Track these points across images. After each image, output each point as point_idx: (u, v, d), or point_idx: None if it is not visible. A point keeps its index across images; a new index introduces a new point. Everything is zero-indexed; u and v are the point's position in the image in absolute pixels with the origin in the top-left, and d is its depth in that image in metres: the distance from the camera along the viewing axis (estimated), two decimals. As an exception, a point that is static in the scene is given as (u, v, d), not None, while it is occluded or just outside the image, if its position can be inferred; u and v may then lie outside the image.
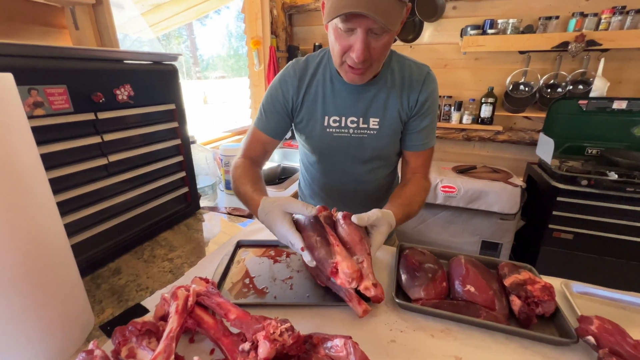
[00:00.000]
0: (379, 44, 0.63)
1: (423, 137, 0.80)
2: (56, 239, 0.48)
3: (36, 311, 0.44)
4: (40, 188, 0.45)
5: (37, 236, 0.44)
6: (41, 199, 0.45)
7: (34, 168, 0.44)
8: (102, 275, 0.69)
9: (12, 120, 0.40)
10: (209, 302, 0.51)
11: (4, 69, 0.43)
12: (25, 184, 0.42)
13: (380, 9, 0.57)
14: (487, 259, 0.71)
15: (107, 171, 0.71)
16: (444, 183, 1.93)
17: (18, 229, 0.41)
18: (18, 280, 0.42)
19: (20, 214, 0.41)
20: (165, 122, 0.85)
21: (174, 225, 0.93)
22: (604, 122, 1.86)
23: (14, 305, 0.42)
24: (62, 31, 1.03)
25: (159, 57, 0.83)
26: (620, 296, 0.63)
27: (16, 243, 0.41)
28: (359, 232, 0.61)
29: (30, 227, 0.43)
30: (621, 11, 1.78)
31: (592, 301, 0.64)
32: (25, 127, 0.43)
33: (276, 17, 2.33)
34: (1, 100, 0.38)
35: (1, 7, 0.89)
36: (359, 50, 0.62)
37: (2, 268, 0.40)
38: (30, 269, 0.43)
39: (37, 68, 0.56)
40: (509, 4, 2.03)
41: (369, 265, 0.56)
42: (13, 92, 0.41)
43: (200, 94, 6.81)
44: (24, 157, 0.42)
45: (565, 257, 1.75)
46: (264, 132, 0.84)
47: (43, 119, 0.56)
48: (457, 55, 2.24)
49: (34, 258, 0.43)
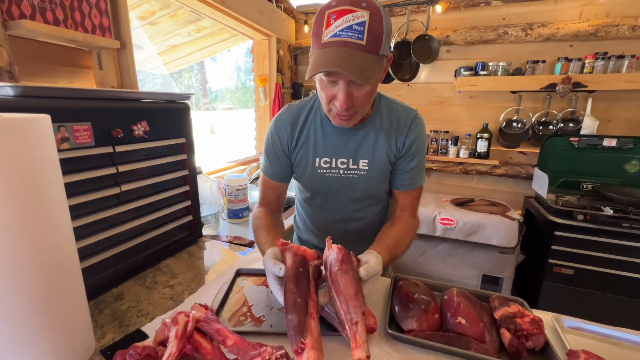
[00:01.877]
0: (361, 93, 0.67)
1: (411, 177, 0.83)
2: (70, 263, 0.52)
3: (45, 332, 0.47)
4: (61, 215, 0.50)
5: (54, 260, 0.48)
6: (61, 225, 0.50)
7: (59, 197, 0.49)
8: (105, 301, 0.71)
9: (46, 155, 0.46)
10: (208, 328, 0.53)
11: (41, 110, 0.49)
12: (49, 212, 0.47)
13: (355, 66, 0.60)
14: (480, 292, 0.72)
15: (118, 200, 0.76)
16: (442, 215, 1.95)
17: (38, 253, 0.45)
18: (34, 301, 0.45)
19: (41, 239, 0.45)
20: (175, 154, 0.91)
21: (176, 253, 0.96)
22: (596, 158, 1.92)
23: (28, 325, 0.45)
24: (87, 71, 1.14)
25: (172, 97, 0.91)
26: (611, 332, 0.64)
27: (35, 266, 0.45)
28: (355, 285, 0.54)
29: (48, 252, 0.47)
30: (603, 57, 1.90)
31: (583, 336, 0.64)
32: (56, 161, 0.48)
33: (282, 57, 2.50)
34: (40, 139, 0.44)
35: (36, 50, 1.00)
36: (342, 100, 0.66)
37: (22, 289, 0.43)
38: (45, 290, 0.46)
39: (68, 108, 0.63)
40: (498, 49, 2.18)
41: (363, 328, 0.50)
42: (49, 131, 0.47)
43: (207, 124, 7.05)
44: (51, 187, 0.47)
45: (567, 292, 1.72)
46: (271, 178, 0.88)
47: (68, 152, 0.62)
48: (452, 94, 2.37)
49: (49, 280, 0.47)
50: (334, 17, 0.61)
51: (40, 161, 0.45)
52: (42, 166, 0.45)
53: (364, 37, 0.60)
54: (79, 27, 1.03)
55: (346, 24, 0.60)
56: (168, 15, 1.86)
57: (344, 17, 0.60)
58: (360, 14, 0.59)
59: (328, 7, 0.62)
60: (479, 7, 2.16)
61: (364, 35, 0.60)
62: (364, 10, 0.59)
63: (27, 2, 0.91)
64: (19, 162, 0.42)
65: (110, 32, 1.11)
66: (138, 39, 1.86)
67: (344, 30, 0.60)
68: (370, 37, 0.60)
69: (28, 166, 0.43)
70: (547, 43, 2.07)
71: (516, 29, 2.05)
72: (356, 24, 0.60)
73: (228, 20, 1.91)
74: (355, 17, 0.59)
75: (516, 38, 2.06)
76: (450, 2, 2.18)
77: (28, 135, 0.43)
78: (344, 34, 0.60)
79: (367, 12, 0.60)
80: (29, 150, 0.43)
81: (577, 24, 1.94)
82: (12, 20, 0.88)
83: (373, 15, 0.60)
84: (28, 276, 0.44)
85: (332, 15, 0.61)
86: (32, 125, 0.44)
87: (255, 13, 1.99)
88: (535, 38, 2.03)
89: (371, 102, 0.74)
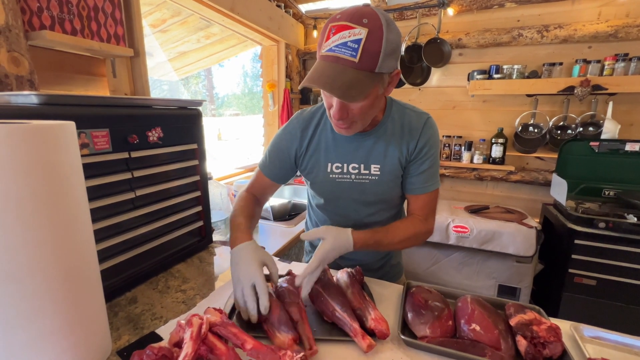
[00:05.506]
0: (356, 107, 0.70)
1: (423, 180, 0.84)
2: (91, 265, 0.55)
3: (65, 331, 0.50)
4: (84, 218, 0.53)
5: (77, 262, 0.51)
6: (84, 228, 0.53)
7: (82, 201, 0.53)
8: (120, 304, 0.74)
9: (72, 160, 0.50)
10: (225, 332, 0.55)
11: (63, 117, 0.53)
12: (74, 215, 0.50)
13: (340, 83, 0.62)
14: (495, 300, 0.73)
15: (133, 204, 0.80)
16: (456, 223, 1.95)
17: (63, 255, 0.48)
18: (57, 301, 0.48)
19: (67, 242, 0.49)
20: (188, 160, 0.95)
21: (187, 258, 0.99)
22: (618, 163, 1.89)
23: (50, 324, 0.48)
24: (101, 79, 1.20)
25: (185, 103, 0.95)
26: (633, 342, 0.64)
27: (60, 268, 0.48)
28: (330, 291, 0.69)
29: (72, 254, 0.50)
30: (624, 58, 1.89)
31: (604, 346, 0.64)
32: (79, 167, 0.52)
33: (291, 62, 2.56)
34: (66, 144, 0.48)
35: (53, 59, 1.06)
36: (335, 111, 0.70)
37: (47, 289, 0.47)
38: (68, 291, 0.50)
39: (87, 115, 0.67)
40: (513, 52, 2.19)
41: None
42: (74, 137, 0.51)
43: (214, 130, 7.19)
44: (76, 192, 0.51)
45: (589, 304, 1.69)
46: (266, 176, 0.92)
47: (87, 157, 0.66)
48: (465, 98, 2.37)
49: (72, 282, 0.50)
50: (334, 31, 0.64)
51: (67, 166, 0.48)
52: (69, 171, 0.49)
53: (357, 55, 0.62)
54: (95, 36, 1.09)
55: (341, 40, 0.62)
56: (178, 23, 1.94)
57: (341, 32, 0.63)
58: (357, 31, 0.61)
59: (333, 20, 0.66)
60: (492, 9, 2.18)
61: (358, 52, 0.62)
62: (363, 28, 0.61)
63: (47, 13, 0.97)
64: (47, 167, 0.45)
65: (124, 40, 1.17)
66: (149, 46, 1.94)
67: (339, 46, 0.63)
68: (365, 55, 0.62)
69: (56, 171, 0.47)
70: (564, 45, 2.07)
71: (531, 30, 2.05)
72: (351, 40, 0.62)
73: (237, 27, 1.98)
74: (352, 34, 0.62)
75: (531, 40, 2.07)
76: (462, 5, 2.20)
77: (56, 141, 0.47)
78: (338, 49, 0.63)
79: (366, 29, 0.61)
80: (57, 155, 0.47)
81: (595, 25, 1.94)
82: (33, 31, 0.94)
83: (371, 34, 0.61)
84: (53, 277, 0.48)
85: (332, 29, 0.64)
86: (59, 132, 0.47)
87: (264, 19, 2.06)
88: (551, 40, 2.04)
89: (372, 114, 0.76)
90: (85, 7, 1.05)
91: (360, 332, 0.60)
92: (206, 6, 1.62)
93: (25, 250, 0.44)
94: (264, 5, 2.05)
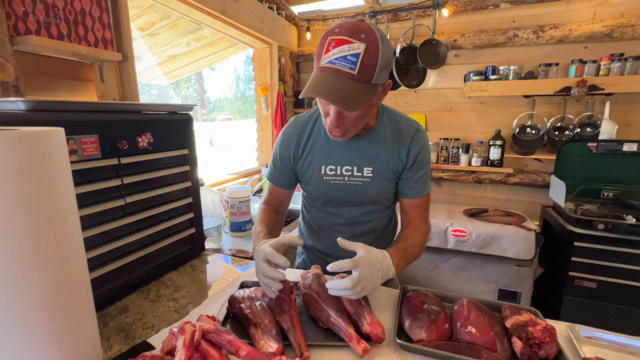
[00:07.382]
0: (352, 115, 0.76)
1: (420, 185, 0.91)
2: (81, 273, 0.56)
3: (55, 340, 0.51)
4: (74, 226, 0.54)
5: (67, 269, 0.52)
6: (73, 236, 0.54)
7: (71, 209, 0.54)
8: (110, 313, 0.75)
9: (61, 167, 0.51)
10: (219, 339, 0.57)
11: (51, 123, 0.55)
12: (63, 222, 0.51)
13: (341, 95, 0.69)
14: (491, 303, 0.75)
15: (123, 211, 0.81)
16: (454, 227, 1.98)
17: (52, 263, 0.50)
18: (47, 309, 0.49)
19: (56, 249, 0.50)
20: (178, 165, 0.97)
21: (179, 266, 1.00)
22: (616, 164, 1.94)
23: (40, 332, 0.49)
24: (89, 84, 1.21)
25: (175, 108, 0.97)
26: (628, 341, 0.66)
27: (49, 275, 0.49)
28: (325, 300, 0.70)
29: (62, 261, 0.51)
30: (619, 58, 1.95)
31: (600, 346, 0.67)
32: (69, 173, 0.54)
33: (284, 65, 2.59)
34: (55, 151, 0.49)
35: (39, 64, 1.07)
36: (332, 119, 0.76)
37: (37, 297, 0.48)
38: (58, 299, 0.51)
39: (76, 121, 0.69)
40: (509, 52, 2.24)
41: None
42: (63, 143, 0.52)
43: (206, 135, 7.19)
44: (65, 199, 0.52)
45: (590, 307, 1.72)
46: (276, 185, 1.00)
47: (76, 164, 0.68)
48: (462, 99, 2.42)
49: (62, 290, 0.51)
50: (333, 44, 0.70)
51: (56, 173, 0.50)
52: (58, 177, 0.50)
53: (356, 68, 0.68)
54: (82, 40, 1.10)
55: (342, 54, 0.68)
56: (168, 26, 1.96)
57: (341, 46, 0.69)
58: (356, 46, 0.68)
59: (331, 33, 0.71)
60: (488, 10, 2.24)
61: (357, 66, 0.68)
62: (361, 43, 0.67)
63: (33, 17, 0.99)
64: (36, 174, 0.47)
65: (112, 44, 1.19)
66: (138, 50, 1.96)
67: (339, 59, 0.69)
68: (363, 68, 0.68)
69: (45, 177, 0.48)
70: (559, 45, 2.12)
71: (527, 31, 2.11)
72: (351, 54, 0.68)
73: (228, 30, 2.01)
74: (351, 49, 0.68)
75: (527, 41, 2.12)
76: (457, 6, 2.26)
77: (45, 148, 0.48)
78: (338, 62, 0.69)
79: (364, 45, 0.67)
80: (46, 161, 0.48)
81: (590, 25, 2.00)
82: (18, 36, 0.95)
83: (369, 49, 0.68)
84: (41, 286, 0.49)
85: (332, 42, 0.70)
86: (48, 138, 0.49)
87: (256, 21, 2.09)
88: (547, 40, 2.09)
89: (364, 122, 0.82)
90: (72, 11, 1.07)
91: (356, 337, 0.62)
92: (196, 9, 1.65)
93: (14, 258, 0.45)
94: (255, 7, 2.08)
